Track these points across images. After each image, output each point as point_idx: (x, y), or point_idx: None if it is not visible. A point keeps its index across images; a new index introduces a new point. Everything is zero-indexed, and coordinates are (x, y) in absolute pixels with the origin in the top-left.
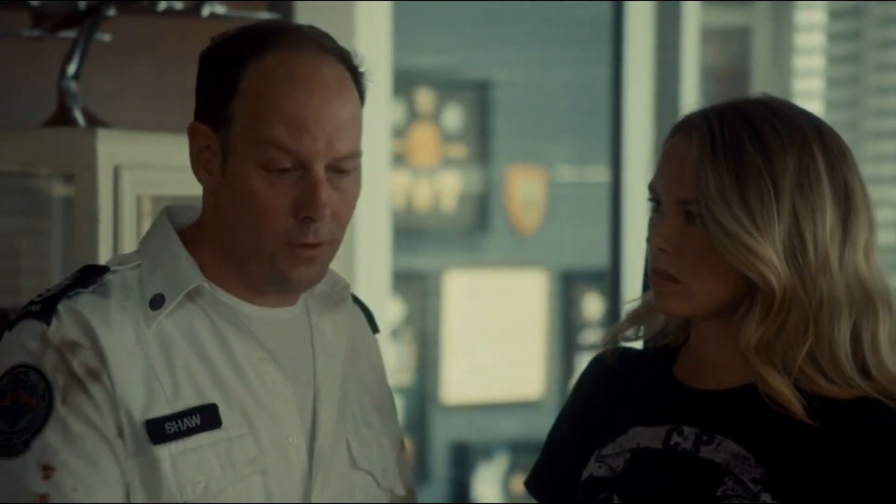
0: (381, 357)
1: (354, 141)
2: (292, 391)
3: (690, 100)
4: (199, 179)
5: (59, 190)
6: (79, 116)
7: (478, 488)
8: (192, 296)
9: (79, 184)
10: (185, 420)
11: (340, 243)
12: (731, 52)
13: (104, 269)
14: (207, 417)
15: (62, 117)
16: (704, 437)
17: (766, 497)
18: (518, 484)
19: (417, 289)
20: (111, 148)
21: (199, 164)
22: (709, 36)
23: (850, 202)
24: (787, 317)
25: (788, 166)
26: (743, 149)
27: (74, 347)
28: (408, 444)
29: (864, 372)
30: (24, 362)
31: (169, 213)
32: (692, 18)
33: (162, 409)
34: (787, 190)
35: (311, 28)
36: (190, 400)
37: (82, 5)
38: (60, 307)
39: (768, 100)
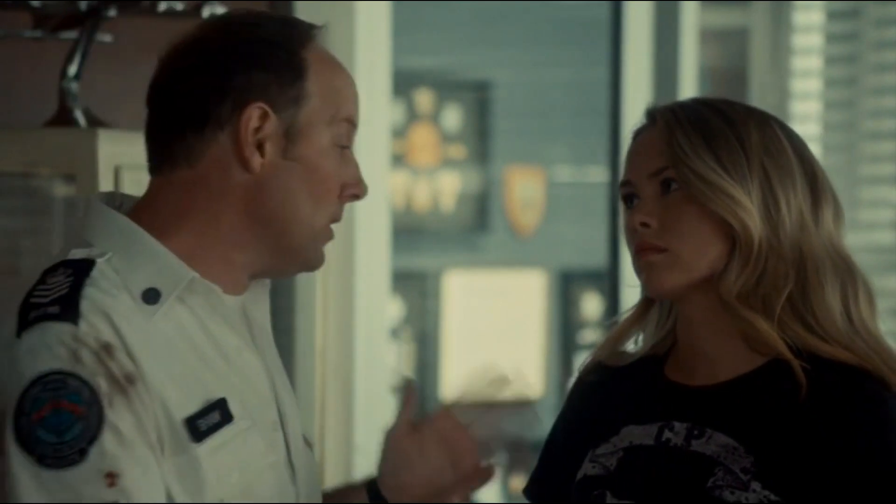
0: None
1: None
2: (266, 376)
3: None
4: (247, 164)
5: (60, 190)
6: (80, 117)
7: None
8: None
9: (80, 184)
10: (210, 416)
11: None
12: (729, 52)
13: (91, 262)
14: (223, 412)
15: (63, 118)
16: (695, 432)
17: (755, 486)
18: (517, 483)
19: (417, 289)
20: (112, 148)
21: (252, 146)
22: (707, 36)
23: (815, 179)
24: (765, 266)
25: (752, 133)
26: (706, 118)
27: (109, 349)
28: None
29: (855, 332)
30: (57, 368)
31: (105, 200)
32: (690, 19)
33: (190, 407)
34: (754, 151)
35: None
36: (202, 395)
37: (83, 6)
38: (83, 306)
39: (726, 98)
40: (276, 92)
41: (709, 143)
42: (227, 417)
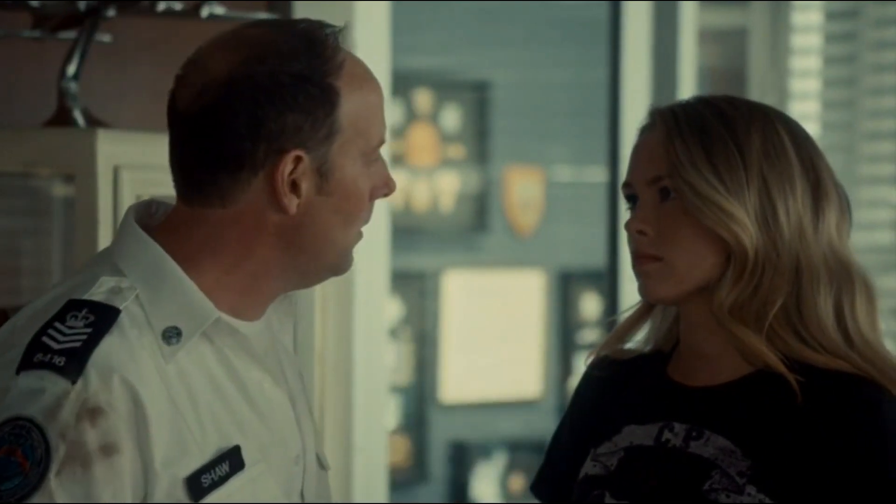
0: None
1: None
2: (288, 404)
3: None
4: (285, 209)
5: (60, 190)
6: (79, 117)
7: (476, 487)
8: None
9: (79, 184)
10: (217, 469)
11: None
12: (728, 52)
13: (116, 311)
14: (234, 461)
15: (62, 118)
16: (694, 433)
17: (750, 489)
18: (516, 483)
19: (416, 288)
20: (111, 148)
21: (287, 192)
22: (706, 37)
23: (818, 181)
24: (760, 279)
25: (753, 137)
26: (706, 123)
27: (95, 415)
28: (407, 443)
29: (849, 343)
30: (32, 417)
31: (136, 215)
32: (689, 19)
33: (195, 461)
34: (753, 158)
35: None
36: (215, 443)
37: (82, 6)
38: (91, 366)
39: (731, 95)
40: (309, 132)
41: (707, 153)
42: (237, 466)
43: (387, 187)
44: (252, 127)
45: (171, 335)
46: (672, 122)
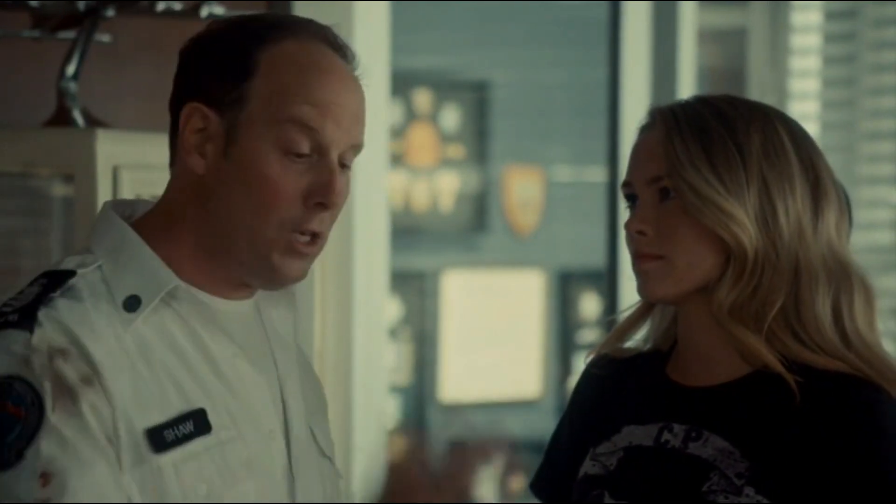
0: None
1: (363, 134)
2: (266, 384)
3: None
4: (188, 164)
5: (59, 190)
6: (78, 117)
7: (476, 487)
8: (165, 296)
9: (78, 184)
10: (181, 427)
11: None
12: (727, 52)
13: (70, 273)
14: (199, 423)
15: (62, 118)
16: (693, 434)
17: (749, 490)
18: (516, 483)
19: (415, 288)
20: (110, 148)
21: (191, 148)
22: (705, 37)
23: (818, 181)
24: (760, 280)
25: (753, 137)
26: (706, 123)
27: (65, 353)
28: (406, 443)
29: (846, 344)
30: (8, 373)
31: (114, 207)
32: (689, 19)
33: (156, 417)
34: (753, 158)
35: (321, 25)
36: (178, 405)
37: (82, 6)
38: (41, 315)
39: (730, 95)
40: (217, 92)
41: (707, 153)
42: (202, 428)
43: (322, 195)
44: (180, 83)
45: (131, 303)
46: (672, 121)
